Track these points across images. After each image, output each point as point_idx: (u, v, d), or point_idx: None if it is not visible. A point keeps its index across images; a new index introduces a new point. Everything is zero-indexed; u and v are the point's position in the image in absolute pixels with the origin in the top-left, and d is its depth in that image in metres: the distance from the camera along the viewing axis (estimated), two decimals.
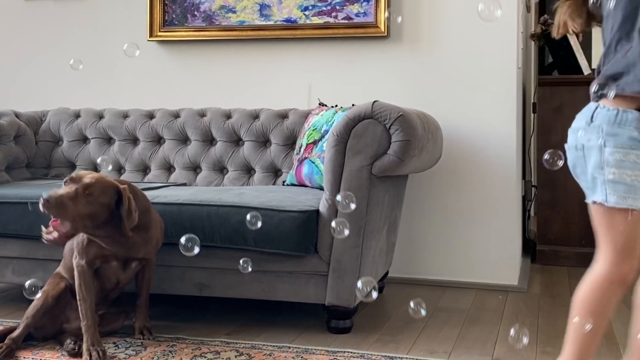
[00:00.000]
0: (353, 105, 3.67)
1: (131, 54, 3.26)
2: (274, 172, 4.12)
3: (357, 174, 3.16)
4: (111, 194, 2.82)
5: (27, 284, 2.72)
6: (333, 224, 2.49)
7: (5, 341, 2.93)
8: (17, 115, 4.42)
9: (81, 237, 2.95)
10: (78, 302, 2.93)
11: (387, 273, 4.00)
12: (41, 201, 2.68)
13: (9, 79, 5.02)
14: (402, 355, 2.96)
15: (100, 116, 4.45)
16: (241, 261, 2.74)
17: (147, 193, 3.28)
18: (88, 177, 2.79)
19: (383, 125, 3.13)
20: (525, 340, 2.34)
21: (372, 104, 3.16)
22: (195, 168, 4.24)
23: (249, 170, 4.17)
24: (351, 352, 2.96)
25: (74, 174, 2.81)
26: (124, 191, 2.83)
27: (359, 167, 3.15)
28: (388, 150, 3.13)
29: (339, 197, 2.48)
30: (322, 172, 3.50)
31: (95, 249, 2.94)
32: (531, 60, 5.84)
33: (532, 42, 5.58)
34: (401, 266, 4.25)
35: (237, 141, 4.20)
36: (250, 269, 2.77)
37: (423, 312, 2.45)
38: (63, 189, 2.75)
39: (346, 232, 2.48)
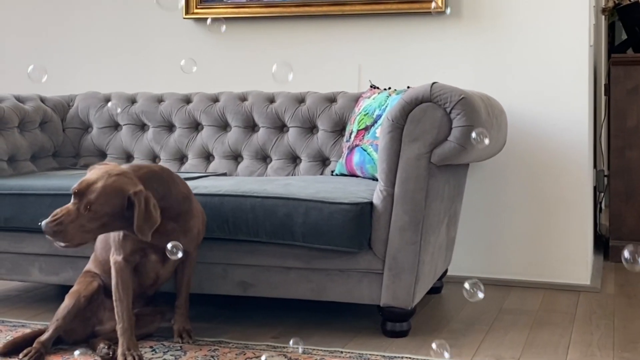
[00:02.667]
0: (408, 87, 3.65)
1: (188, 71, 3.29)
2: (322, 161, 4.11)
3: (414, 162, 3.13)
4: (118, 202, 2.74)
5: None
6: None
7: (34, 345, 2.94)
8: (42, 100, 4.44)
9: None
10: (114, 303, 2.93)
11: (446, 271, 3.98)
12: (42, 228, 2.71)
13: (33, 61, 5.04)
14: None
15: (132, 101, 4.46)
16: (291, 342, 2.83)
17: None
18: (94, 188, 2.72)
19: (443, 109, 3.09)
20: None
21: (431, 86, 3.13)
22: (236, 157, 4.24)
23: (294, 159, 4.16)
24: (409, 358, 2.94)
25: (77, 186, 2.73)
26: (136, 196, 2.74)
27: (416, 155, 3.12)
28: (449, 137, 3.10)
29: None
30: (375, 160, 3.48)
31: (132, 242, 2.94)
32: (601, 38, 5.76)
33: (603, 18, 5.51)
34: (462, 264, 4.22)
35: (281, 127, 4.20)
36: (301, 350, 2.85)
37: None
38: (65, 207, 2.72)
39: (480, 295, 2.48)
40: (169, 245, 2.81)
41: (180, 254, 2.82)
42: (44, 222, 2.70)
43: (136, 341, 2.92)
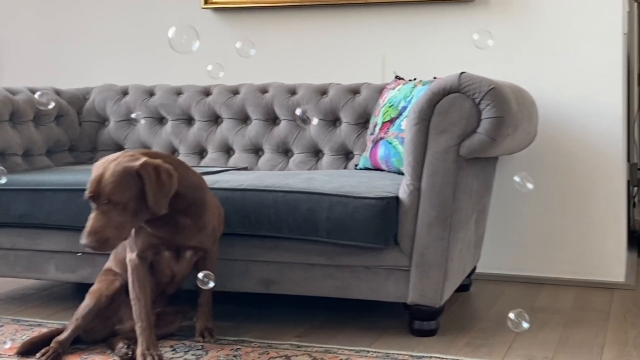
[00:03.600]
0: (435, 78, 3.63)
1: (215, 76, 3.29)
2: (345, 155, 4.10)
3: (442, 155, 3.11)
4: (132, 182, 2.74)
5: None
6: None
7: (51, 344, 2.95)
8: (58, 93, 4.45)
9: None
10: (132, 302, 2.94)
11: (474, 269, 3.97)
12: (85, 248, 2.71)
13: (49, 54, 5.06)
14: None
15: (150, 93, 4.47)
16: None
17: (206, 178, 3.27)
18: (104, 182, 2.71)
19: (472, 100, 3.08)
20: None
21: (459, 76, 3.11)
22: (256, 150, 4.24)
23: (316, 153, 4.15)
24: (438, 357, 2.93)
25: (89, 190, 2.72)
26: (143, 169, 2.73)
27: (444, 148, 3.11)
28: (478, 129, 3.08)
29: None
30: (401, 154, 3.47)
31: (144, 237, 2.95)
32: (634, 26, 5.72)
33: (636, 5, 5.47)
34: (491, 261, 4.21)
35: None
36: None
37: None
38: (91, 216, 2.71)
39: (525, 325, 2.61)
40: (200, 275, 2.88)
41: (211, 284, 2.88)
42: (82, 241, 2.69)
43: (156, 340, 2.92)
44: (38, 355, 2.90)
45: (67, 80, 4.78)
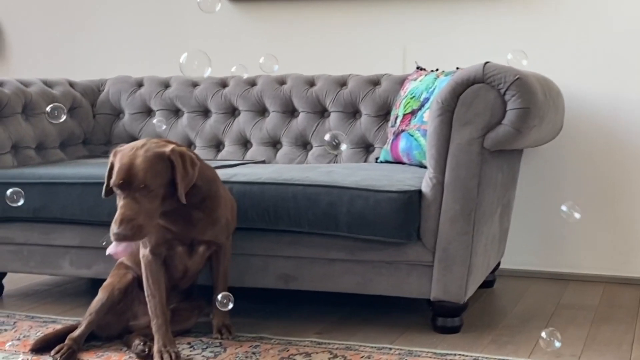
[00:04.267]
0: (457, 68, 3.61)
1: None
2: (365, 148, 4.08)
3: (466, 148, 3.09)
4: (165, 168, 2.74)
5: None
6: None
7: (66, 341, 2.94)
8: (71, 84, 4.45)
9: None
10: (146, 299, 2.94)
11: (499, 264, 3.95)
12: (114, 237, 2.66)
13: (61, 44, 5.05)
14: (522, 358, 2.89)
15: (166, 85, 4.46)
16: None
17: (223, 172, 3.27)
18: (136, 169, 2.69)
19: (497, 91, 3.05)
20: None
21: (484, 66, 3.08)
22: (274, 143, 4.22)
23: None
24: (462, 355, 2.91)
25: (118, 178, 2.69)
26: (173, 154, 2.75)
27: (468, 140, 3.08)
28: (503, 120, 3.05)
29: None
30: (423, 146, 3.45)
31: (157, 233, 2.92)
32: None
33: None
34: (515, 256, 4.19)
35: (322, 112, 4.17)
36: None
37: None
38: (122, 204, 2.68)
39: (557, 344, 2.63)
40: (219, 297, 2.89)
41: (231, 305, 2.89)
42: (113, 231, 2.64)
43: (173, 337, 2.91)
44: (52, 352, 2.89)
45: (81, 72, 4.78)
